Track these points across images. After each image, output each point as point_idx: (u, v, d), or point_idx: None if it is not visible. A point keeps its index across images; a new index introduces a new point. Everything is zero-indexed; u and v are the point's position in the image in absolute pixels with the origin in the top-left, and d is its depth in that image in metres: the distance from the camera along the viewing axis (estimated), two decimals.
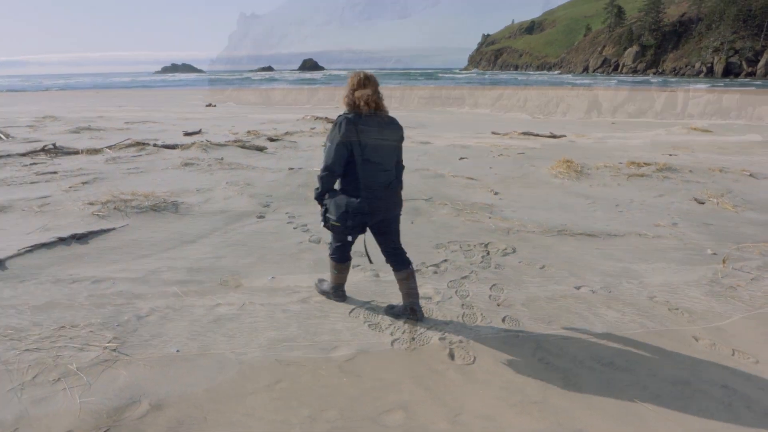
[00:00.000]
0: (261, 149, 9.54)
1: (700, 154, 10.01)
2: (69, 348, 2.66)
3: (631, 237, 4.70)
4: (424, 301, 3.27)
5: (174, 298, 3.28)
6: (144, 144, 9.54)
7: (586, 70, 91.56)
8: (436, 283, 3.60)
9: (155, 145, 9.46)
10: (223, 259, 3.98)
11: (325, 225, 2.78)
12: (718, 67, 68.16)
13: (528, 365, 2.61)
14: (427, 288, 3.49)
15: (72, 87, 59.81)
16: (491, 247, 4.36)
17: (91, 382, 2.39)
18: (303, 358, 2.64)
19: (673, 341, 2.87)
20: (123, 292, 3.32)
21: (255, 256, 4.04)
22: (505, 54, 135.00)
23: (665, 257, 4.19)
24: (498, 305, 3.27)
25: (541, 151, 10.15)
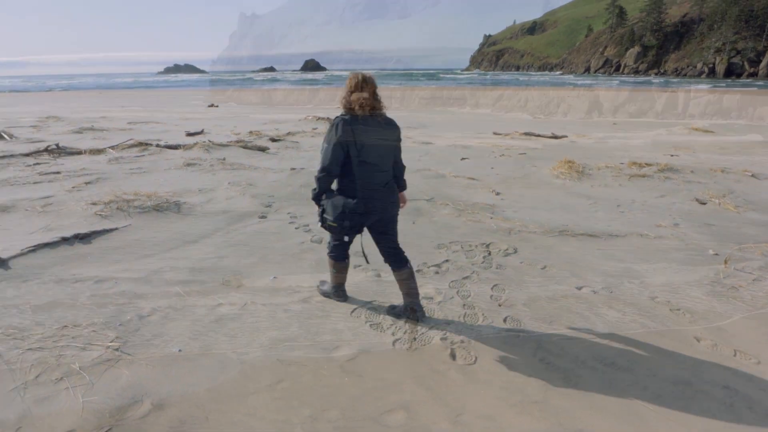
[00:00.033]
0: (263, 149, 9.55)
1: (701, 154, 9.99)
2: (71, 347, 2.67)
3: (633, 237, 4.70)
4: (426, 301, 3.27)
5: (176, 297, 3.29)
6: (147, 144, 9.56)
7: (587, 71, 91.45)
8: (438, 283, 3.60)
9: (158, 146, 9.48)
10: (225, 259, 3.99)
11: (322, 225, 2.80)
12: (720, 68, 68.00)
13: (529, 365, 2.61)
14: (429, 288, 3.50)
15: (75, 87, 59.95)
16: (493, 247, 4.36)
17: (93, 381, 2.40)
18: (304, 357, 2.65)
19: (675, 341, 2.87)
20: (125, 292, 3.34)
21: (257, 256, 4.05)
22: (506, 55, 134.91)
23: (667, 258, 4.19)
24: (499, 305, 3.27)
25: (542, 151, 10.15)
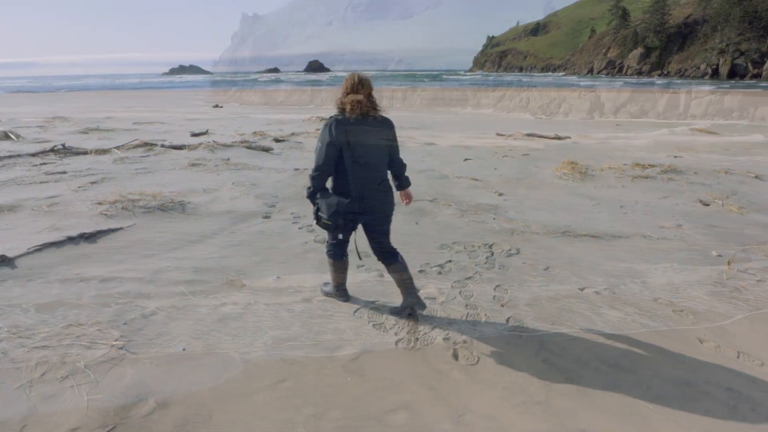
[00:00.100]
0: (267, 150, 9.58)
1: (704, 155, 9.96)
2: (76, 346, 2.69)
3: (636, 238, 4.69)
4: (429, 301, 3.28)
5: (180, 297, 3.31)
6: (152, 144, 9.61)
7: (590, 72, 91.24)
8: (441, 283, 3.60)
9: (163, 146, 9.53)
10: (229, 258, 4.01)
11: (317, 223, 2.88)
12: (724, 69, 67.67)
13: (532, 366, 2.61)
14: (432, 288, 3.50)
15: (81, 88, 60.23)
16: (495, 247, 4.36)
17: (98, 379, 2.42)
18: (307, 357, 2.66)
19: (678, 342, 2.86)
20: (130, 291, 3.36)
21: (260, 256, 4.07)
22: (509, 56, 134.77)
23: (669, 259, 4.18)
24: (502, 306, 3.27)
25: (545, 152, 10.14)
